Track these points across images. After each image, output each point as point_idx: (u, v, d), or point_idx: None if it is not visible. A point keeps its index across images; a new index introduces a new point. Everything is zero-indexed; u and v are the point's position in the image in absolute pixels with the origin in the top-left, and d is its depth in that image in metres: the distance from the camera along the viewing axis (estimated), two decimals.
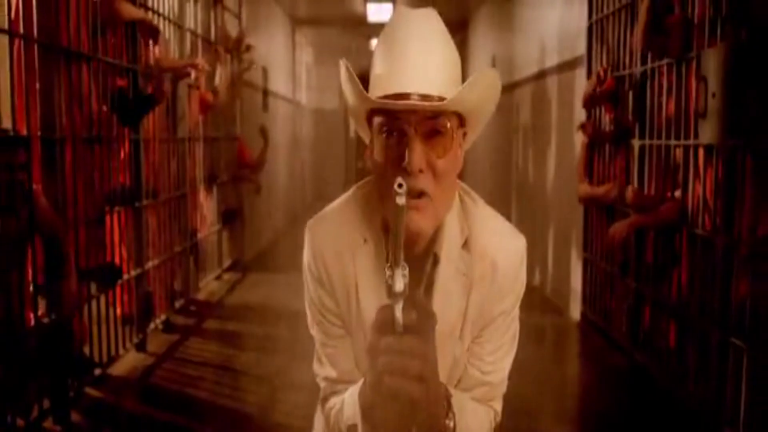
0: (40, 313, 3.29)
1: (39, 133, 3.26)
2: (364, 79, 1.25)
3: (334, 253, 1.33)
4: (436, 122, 1.20)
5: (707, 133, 3.31)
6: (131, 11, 4.11)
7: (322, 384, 1.45)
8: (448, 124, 1.21)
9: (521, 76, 7.43)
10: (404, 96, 1.18)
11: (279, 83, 10.18)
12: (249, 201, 7.75)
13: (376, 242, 1.31)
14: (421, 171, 1.19)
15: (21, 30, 3.06)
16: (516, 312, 1.40)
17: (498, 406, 1.43)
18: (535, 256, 6.78)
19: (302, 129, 13.08)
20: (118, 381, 3.98)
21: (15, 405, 3.11)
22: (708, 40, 3.33)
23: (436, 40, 1.23)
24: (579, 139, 5.08)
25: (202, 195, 6.15)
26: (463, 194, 1.36)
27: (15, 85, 3.05)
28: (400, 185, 1.00)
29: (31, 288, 3.26)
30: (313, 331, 1.42)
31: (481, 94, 1.24)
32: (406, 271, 1.05)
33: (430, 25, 1.23)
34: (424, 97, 1.18)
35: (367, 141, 1.30)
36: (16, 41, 3.04)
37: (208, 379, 4.13)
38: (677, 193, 3.68)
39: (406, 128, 1.18)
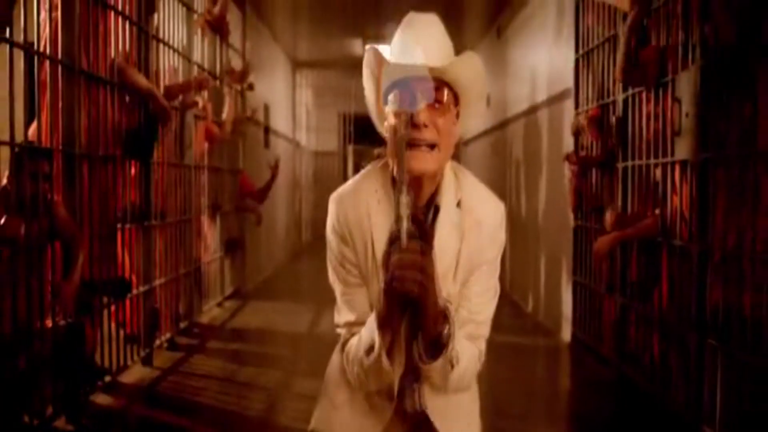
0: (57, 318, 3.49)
1: (60, 148, 3.49)
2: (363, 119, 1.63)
3: (353, 213, 1.61)
4: (440, 91, 1.53)
5: (682, 149, 3.56)
6: (144, 84, 4.32)
7: (342, 331, 1.68)
8: (446, 93, 1.54)
9: (514, 113, 7.73)
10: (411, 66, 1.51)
11: (279, 122, 10.49)
12: (250, 233, 7.97)
13: (388, 203, 1.59)
14: (426, 126, 1.51)
15: (48, 52, 3.32)
16: (497, 265, 1.67)
17: (482, 346, 1.66)
18: (527, 284, 7.00)
19: (301, 169, 13.37)
20: (126, 389, 4.15)
21: (31, 404, 3.28)
22: (681, 64, 3.60)
23: (437, 32, 1.58)
24: (568, 166, 5.33)
25: (206, 222, 6.37)
26: (455, 167, 1.67)
27: (41, 103, 3.31)
28: (403, 116, 1.40)
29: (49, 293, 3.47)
30: (335, 285, 1.68)
31: (468, 68, 1.56)
32: (410, 198, 1.37)
33: (432, 22, 1.59)
34: (424, 66, 1.51)
35: (378, 125, 1.65)
36: (45, 63, 3.30)
37: (212, 390, 4.31)
38: (657, 212, 3.91)
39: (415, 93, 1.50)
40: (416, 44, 1.53)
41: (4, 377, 3.09)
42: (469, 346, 1.59)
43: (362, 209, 1.61)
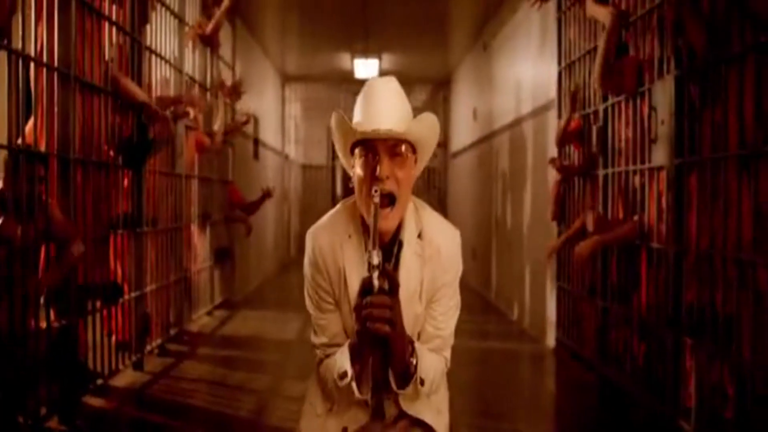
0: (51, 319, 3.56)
1: (55, 152, 3.58)
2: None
3: (328, 245, 1.84)
4: (397, 147, 1.76)
5: (659, 155, 3.70)
6: (139, 94, 4.43)
7: (318, 351, 1.89)
8: (404, 148, 1.77)
9: (500, 125, 7.88)
10: (375, 132, 1.75)
11: (268, 135, 10.60)
12: (239, 244, 8.05)
13: (358, 237, 1.84)
14: (387, 177, 1.74)
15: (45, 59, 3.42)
16: (456, 285, 1.89)
17: (448, 354, 1.90)
18: (513, 293, 7.12)
19: (290, 182, 13.46)
20: (118, 392, 4.22)
21: (25, 405, 3.34)
22: (657, 74, 3.74)
23: (395, 96, 1.80)
24: (552, 175, 5.47)
25: (196, 231, 6.45)
26: (416, 202, 1.90)
27: (37, 108, 3.42)
28: (375, 190, 1.66)
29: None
30: (311, 311, 1.90)
31: (424, 128, 1.80)
32: (380, 252, 1.60)
33: (391, 86, 1.81)
34: (388, 132, 1.74)
35: (348, 170, 1.85)
36: (41, 69, 3.40)
37: (203, 392, 4.40)
38: (636, 218, 4.03)
39: (378, 149, 1.74)
40: (380, 109, 1.76)
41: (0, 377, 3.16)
42: (436, 358, 1.83)
43: (336, 242, 1.84)
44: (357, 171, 1.77)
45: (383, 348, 1.71)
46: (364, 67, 11.06)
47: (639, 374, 3.99)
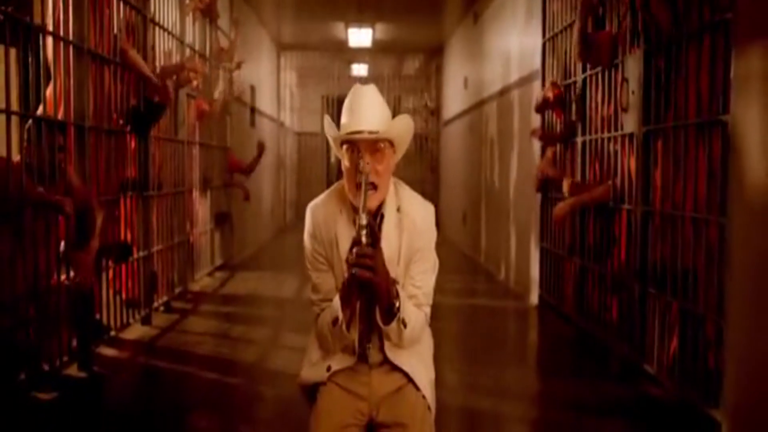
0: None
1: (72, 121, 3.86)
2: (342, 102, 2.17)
3: (323, 218, 2.20)
4: (377, 144, 2.10)
5: (629, 123, 4.01)
6: (143, 68, 4.70)
7: (315, 307, 2.23)
8: (382, 145, 2.10)
9: (488, 93, 8.16)
10: (359, 132, 2.09)
11: (264, 103, 10.85)
12: (237, 210, 8.36)
13: (347, 212, 2.19)
14: (369, 171, 2.06)
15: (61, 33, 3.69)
16: (432, 249, 2.21)
17: (427, 311, 2.22)
18: (500, 254, 7.46)
19: (286, 150, 13.72)
20: (130, 343, 4.56)
21: (48, 353, 3.67)
22: (629, 48, 4.03)
23: (376, 101, 2.13)
24: (536, 142, 5.78)
25: (197, 195, 6.75)
26: (395, 182, 2.23)
27: (56, 80, 3.69)
28: (362, 168, 2.02)
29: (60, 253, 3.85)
30: (310, 272, 2.25)
31: (399, 127, 2.14)
32: (367, 215, 1.96)
33: (371, 94, 2.13)
34: (370, 132, 2.09)
35: (340, 157, 2.18)
36: (58, 43, 3.67)
37: (208, 343, 4.74)
38: (610, 182, 4.35)
39: (360, 148, 2.08)
40: (362, 114, 2.10)
41: (26, 330, 3.48)
42: (416, 311, 2.15)
43: (329, 215, 2.19)
44: (345, 164, 2.11)
45: (369, 293, 2.05)
46: (358, 36, 11.28)
47: (612, 326, 4.34)
